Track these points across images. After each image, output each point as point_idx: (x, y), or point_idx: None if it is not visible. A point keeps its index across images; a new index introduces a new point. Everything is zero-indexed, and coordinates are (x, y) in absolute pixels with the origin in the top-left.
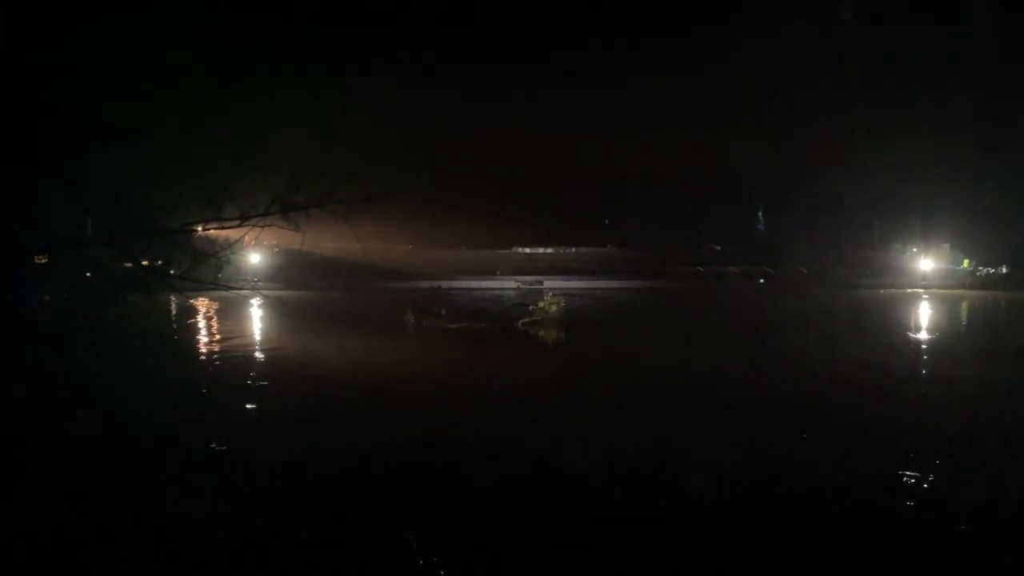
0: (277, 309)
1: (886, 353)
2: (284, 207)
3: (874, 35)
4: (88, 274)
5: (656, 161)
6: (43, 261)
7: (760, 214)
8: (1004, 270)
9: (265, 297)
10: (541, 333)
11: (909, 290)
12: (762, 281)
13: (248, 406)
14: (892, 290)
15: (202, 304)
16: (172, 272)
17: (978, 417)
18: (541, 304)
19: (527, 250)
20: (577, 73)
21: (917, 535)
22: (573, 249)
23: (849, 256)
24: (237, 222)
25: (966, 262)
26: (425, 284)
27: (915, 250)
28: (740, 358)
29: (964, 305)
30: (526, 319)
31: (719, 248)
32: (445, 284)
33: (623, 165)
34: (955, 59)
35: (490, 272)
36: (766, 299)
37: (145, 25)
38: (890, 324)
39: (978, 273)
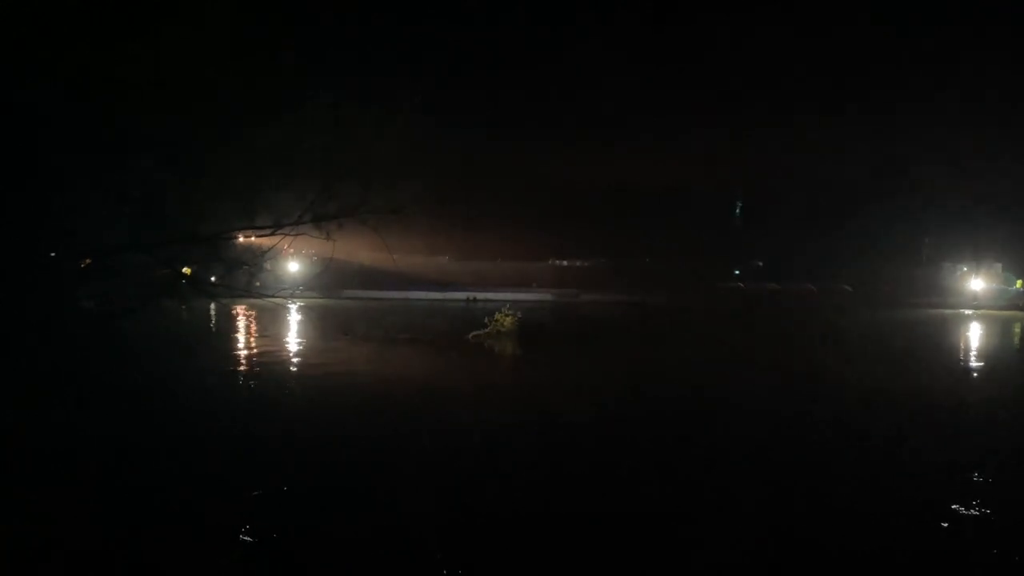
0: (307, 318)
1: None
2: (316, 216)
3: (925, 44)
4: (127, 280)
5: (698, 175)
6: (85, 265)
7: (738, 210)
8: None
9: (298, 305)
10: (486, 346)
11: (959, 311)
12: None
13: None
14: (942, 310)
15: (236, 311)
16: (212, 279)
17: None
18: (497, 317)
19: (564, 262)
20: (617, 86)
21: None
22: (612, 262)
23: (896, 274)
24: (270, 231)
25: (1019, 283)
26: (461, 295)
27: (965, 269)
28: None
29: (1017, 328)
30: (477, 332)
31: (761, 264)
32: (480, 295)
33: (665, 179)
34: (1007, 75)
35: (526, 285)
36: (801, 317)
37: (183, 34)
38: (952, 348)
39: None
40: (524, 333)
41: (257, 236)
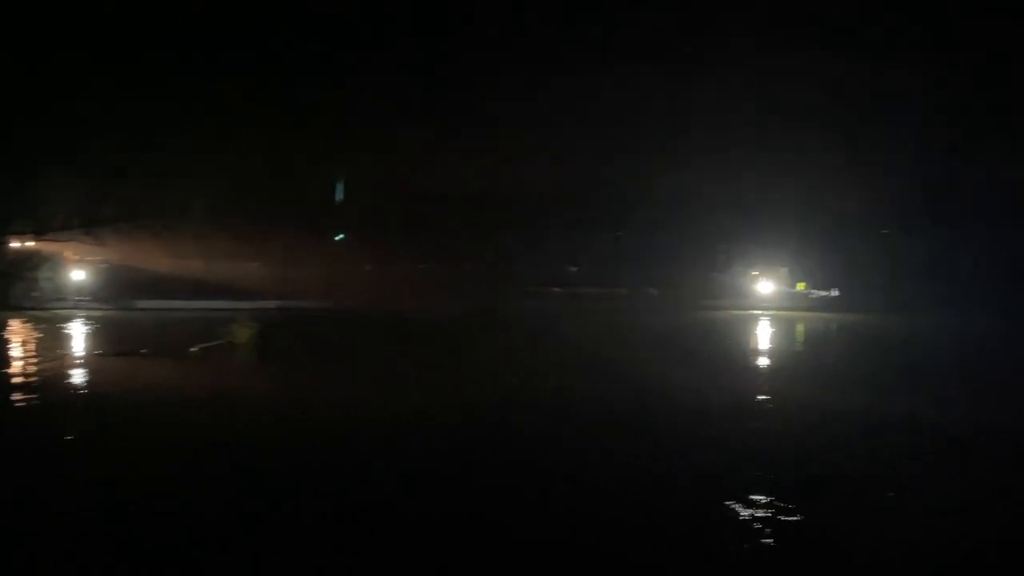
0: (60, 331)
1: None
2: (87, 221)
3: (720, 59)
4: None
5: (513, 180)
6: None
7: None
8: (835, 293)
9: (75, 318)
10: (212, 359)
11: (749, 311)
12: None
13: None
14: (735, 312)
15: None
16: None
17: None
18: (232, 329)
19: (378, 268)
20: (429, 86)
21: None
22: (434, 268)
23: (697, 278)
24: (32, 236)
25: (800, 285)
26: (271, 304)
27: (755, 273)
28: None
29: (800, 327)
30: (206, 344)
31: (576, 268)
32: (291, 304)
33: (482, 183)
34: (801, 95)
35: (343, 292)
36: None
37: None
38: (738, 345)
39: (811, 296)
40: (261, 345)
41: (19, 240)
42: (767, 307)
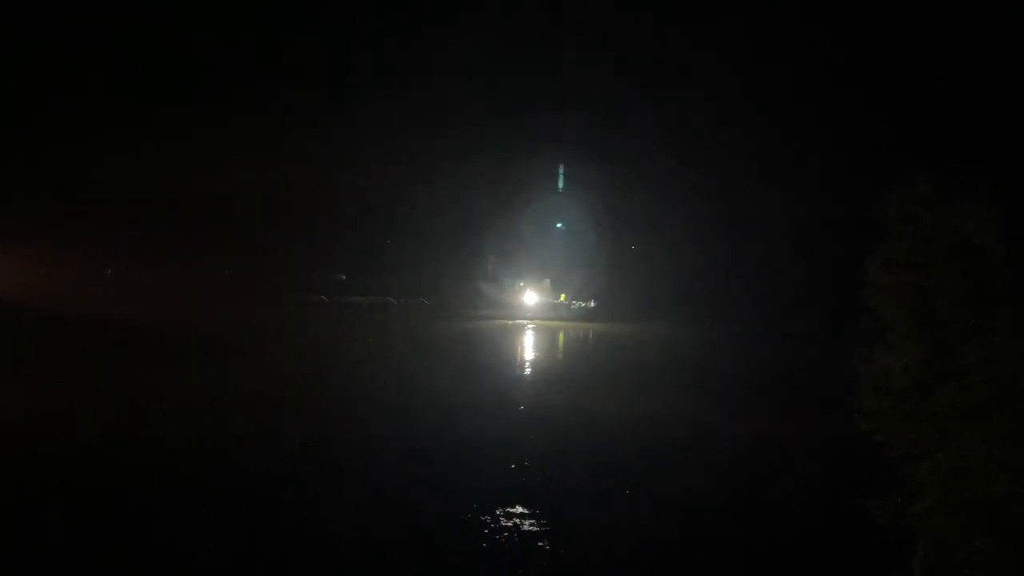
0: None
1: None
2: None
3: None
4: None
5: (279, 186)
6: None
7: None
8: (592, 304)
9: None
10: None
11: (516, 321)
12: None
13: None
14: (502, 321)
15: None
16: None
17: None
18: None
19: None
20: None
21: None
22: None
23: (466, 289)
24: None
25: (563, 296)
26: None
27: (521, 284)
28: None
29: (561, 335)
30: None
31: (345, 277)
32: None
33: (246, 187)
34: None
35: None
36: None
37: None
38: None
39: (572, 306)
40: None
41: None
42: (532, 316)
